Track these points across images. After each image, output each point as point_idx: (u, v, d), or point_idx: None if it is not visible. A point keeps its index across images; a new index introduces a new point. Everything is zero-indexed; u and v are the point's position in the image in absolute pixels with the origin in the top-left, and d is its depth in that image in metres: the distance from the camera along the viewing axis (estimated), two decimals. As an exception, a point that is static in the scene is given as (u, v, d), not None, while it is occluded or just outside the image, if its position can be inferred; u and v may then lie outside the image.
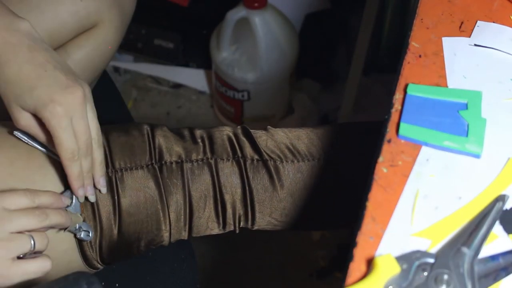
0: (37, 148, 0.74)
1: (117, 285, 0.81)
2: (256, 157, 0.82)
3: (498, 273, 0.52)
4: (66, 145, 0.69)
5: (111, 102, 1.05)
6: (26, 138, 0.74)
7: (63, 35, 0.84)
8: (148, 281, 0.86)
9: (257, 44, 1.53)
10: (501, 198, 0.56)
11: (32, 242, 0.65)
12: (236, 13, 1.52)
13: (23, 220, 0.65)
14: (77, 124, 0.69)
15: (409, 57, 0.68)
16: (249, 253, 1.49)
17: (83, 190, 0.74)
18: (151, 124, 0.83)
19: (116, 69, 1.83)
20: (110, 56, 0.91)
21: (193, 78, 1.81)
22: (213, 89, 1.73)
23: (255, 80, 1.59)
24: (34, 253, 0.66)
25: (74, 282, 0.60)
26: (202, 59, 1.78)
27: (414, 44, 0.69)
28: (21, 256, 0.65)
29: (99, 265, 0.80)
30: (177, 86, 1.81)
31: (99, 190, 0.76)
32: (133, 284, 0.85)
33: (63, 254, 0.76)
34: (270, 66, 1.57)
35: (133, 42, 1.77)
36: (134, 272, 0.86)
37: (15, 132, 0.74)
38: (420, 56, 0.68)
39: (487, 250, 0.54)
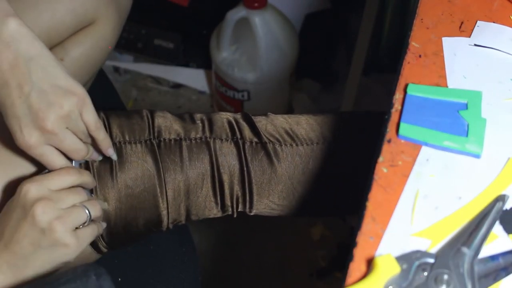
0: None
1: (119, 279, 0.81)
2: (255, 139, 0.82)
3: (498, 273, 0.52)
4: (51, 166, 0.73)
5: (108, 99, 1.06)
6: None
7: (61, 33, 0.85)
8: (150, 274, 0.86)
9: (257, 44, 1.53)
10: (501, 198, 0.56)
11: (87, 211, 0.71)
12: (236, 13, 1.52)
13: (73, 197, 0.71)
14: (67, 139, 0.71)
15: (409, 57, 0.68)
16: (249, 253, 1.49)
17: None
18: (151, 109, 0.84)
19: (116, 69, 1.83)
20: (108, 52, 0.92)
21: (193, 78, 1.81)
22: (213, 89, 1.73)
23: (255, 80, 1.59)
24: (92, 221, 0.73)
25: (83, 273, 0.61)
26: (202, 59, 1.78)
27: (414, 44, 0.69)
28: (80, 226, 0.71)
29: (103, 248, 0.81)
30: (177, 86, 1.81)
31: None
32: (135, 277, 0.86)
33: None
34: (270, 66, 1.57)
35: (133, 42, 1.77)
36: (136, 265, 0.86)
37: None
38: (420, 56, 0.68)
39: (487, 250, 0.54)
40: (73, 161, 0.75)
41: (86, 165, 0.78)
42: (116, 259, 0.85)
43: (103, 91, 1.05)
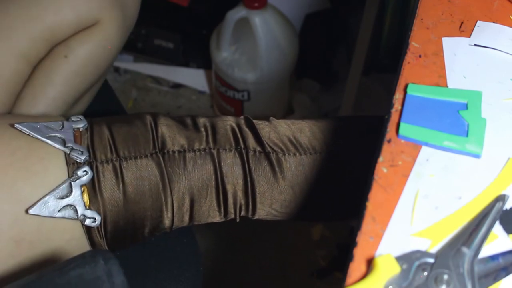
0: (39, 139, 0.75)
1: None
2: (258, 149, 0.82)
3: (498, 273, 0.52)
4: None
5: (106, 100, 1.05)
6: (27, 130, 0.75)
7: (64, 30, 0.85)
8: (153, 266, 0.86)
9: (257, 44, 1.53)
10: (501, 198, 0.56)
11: None
12: (236, 13, 1.52)
13: None
14: None
15: (409, 57, 0.68)
16: (249, 253, 1.49)
17: None
18: (153, 114, 0.84)
19: (116, 69, 1.83)
20: (112, 55, 0.91)
21: (193, 78, 1.81)
22: (213, 89, 1.73)
23: (255, 80, 1.59)
24: None
25: (91, 258, 0.61)
26: (202, 59, 1.78)
27: (414, 44, 0.69)
28: None
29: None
30: (177, 86, 1.81)
31: None
32: (138, 270, 0.86)
33: (71, 242, 0.77)
34: (270, 66, 1.57)
35: (133, 42, 1.77)
36: (138, 257, 0.86)
37: (16, 125, 0.75)
38: (420, 56, 0.68)
39: (487, 250, 0.54)
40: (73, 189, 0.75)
41: (93, 186, 0.77)
42: (118, 253, 0.85)
43: (102, 91, 1.05)
